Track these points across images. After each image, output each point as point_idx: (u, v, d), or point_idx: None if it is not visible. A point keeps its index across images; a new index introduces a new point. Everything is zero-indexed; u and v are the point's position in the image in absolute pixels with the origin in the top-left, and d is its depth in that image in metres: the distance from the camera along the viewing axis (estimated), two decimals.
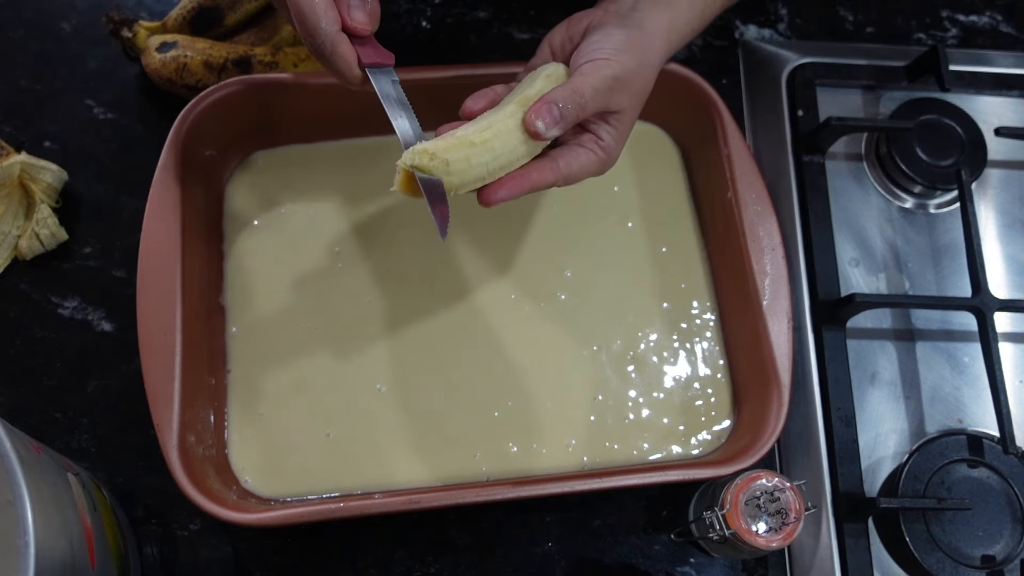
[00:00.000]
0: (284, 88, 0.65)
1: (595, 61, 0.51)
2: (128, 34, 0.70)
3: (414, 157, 0.46)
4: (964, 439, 0.65)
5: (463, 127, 0.49)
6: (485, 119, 0.49)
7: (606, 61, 0.51)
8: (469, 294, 0.67)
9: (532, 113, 0.49)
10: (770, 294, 0.62)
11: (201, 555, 0.61)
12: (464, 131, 0.48)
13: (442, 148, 0.46)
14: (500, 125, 0.48)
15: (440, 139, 0.47)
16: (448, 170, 0.46)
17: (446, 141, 0.47)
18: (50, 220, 0.66)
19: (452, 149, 0.47)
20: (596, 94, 0.50)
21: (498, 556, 0.63)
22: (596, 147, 0.53)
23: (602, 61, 0.51)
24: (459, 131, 0.48)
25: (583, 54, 0.52)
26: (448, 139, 0.47)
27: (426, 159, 0.46)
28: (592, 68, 0.51)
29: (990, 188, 0.75)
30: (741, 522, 0.55)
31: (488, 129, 0.48)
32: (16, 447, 0.44)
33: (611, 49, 0.52)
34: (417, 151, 0.46)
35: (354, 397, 0.63)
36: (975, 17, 0.83)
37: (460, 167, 0.47)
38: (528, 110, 0.49)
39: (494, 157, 0.48)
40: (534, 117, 0.49)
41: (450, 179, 0.47)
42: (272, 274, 0.66)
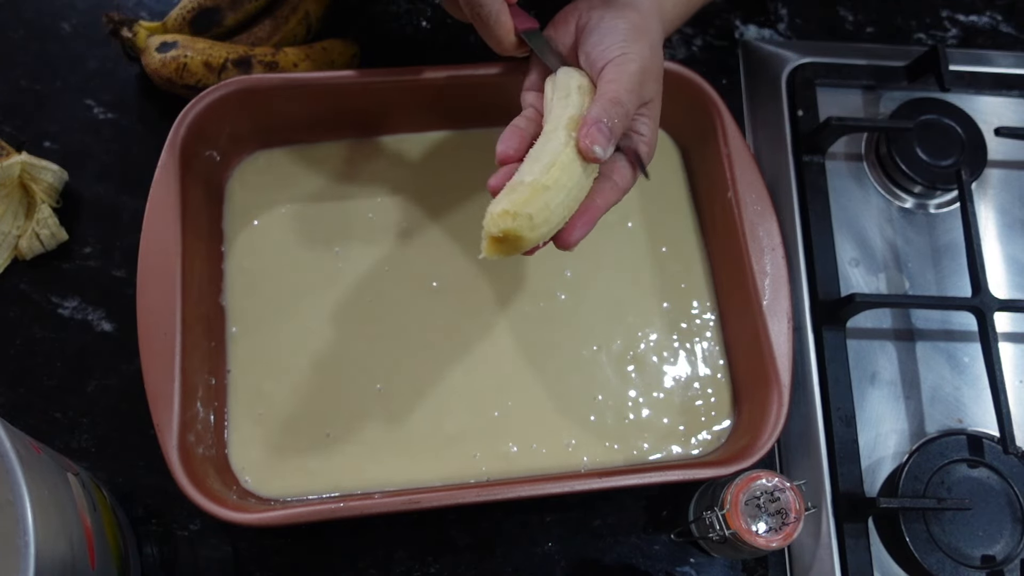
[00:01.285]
0: (284, 88, 0.65)
1: (614, 61, 0.50)
2: (128, 34, 0.70)
3: (498, 223, 0.44)
4: (964, 439, 0.65)
5: (522, 171, 0.47)
6: (542, 156, 0.47)
7: (624, 56, 0.50)
8: (469, 294, 0.67)
9: (585, 140, 0.47)
10: (770, 294, 0.62)
11: (201, 555, 0.61)
12: (529, 176, 0.45)
13: (520, 203, 0.44)
14: (563, 158, 0.46)
15: (513, 193, 0.45)
16: (532, 224, 0.44)
17: (520, 193, 0.44)
18: (50, 220, 0.66)
19: (530, 201, 0.44)
20: (631, 96, 0.49)
21: (498, 556, 0.63)
22: (642, 144, 0.51)
23: (620, 58, 0.50)
24: (525, 177, 0.45)
25: (597, 55, 0.51)
26: (520, 190, 0.45)
27: (509, 221, 0.44)
28: (616, 70, 0.50)
29: (990, 188, 0.75)
30: (741, 522, 0.55)
31: (554, 167, 0.46)
32: (16, 447, 0.44)
33: (622, 42, 0.50)
34: (497, 215, 0.44)
35: (354, 397, 0.63)
36: (975, 17, 0.83)
37: (543, 216, 0.45)
38: (579, 137, 0.47)
39: (567, 193, 0.46)
40: (589, 143, 0.47)
41: (537, 233, 0.45)
42: (272, 274, 0.66)
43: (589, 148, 0.47)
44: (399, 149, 0.70)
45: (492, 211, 0.44)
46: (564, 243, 0.48)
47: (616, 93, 0.49)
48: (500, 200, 0.45)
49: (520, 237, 0.45)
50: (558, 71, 0.52)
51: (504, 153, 0.49)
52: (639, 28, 0.52)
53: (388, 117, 0.69)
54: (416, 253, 0.67)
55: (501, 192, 0.46)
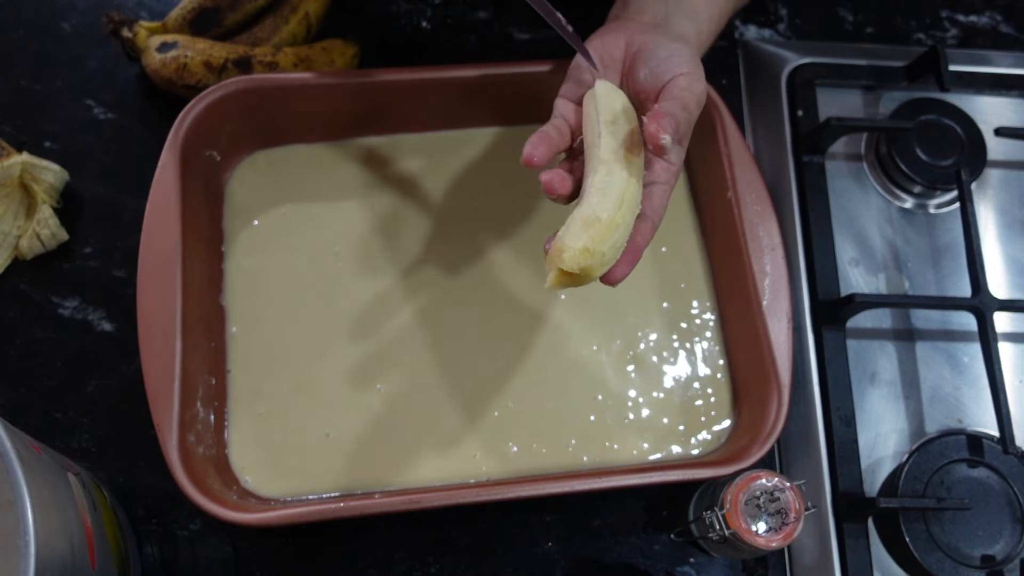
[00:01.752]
0: (284, 88, 0.65)
1: (687, 75, 0.51)
2: (128, 34, 0.70)
3: (579, 261, 0.44)
4: (964, 439, 0.65)
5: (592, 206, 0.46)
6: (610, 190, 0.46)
7: (693, 75, 0.51)
8: (469, 294, 0.67)
9: (655, 128, 0.46)
10: (770, 294, 0.62)
11: (201, 555, 0.61)
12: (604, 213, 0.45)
13: (595, 240, 0.44)
14: (628, 196, 0.46)
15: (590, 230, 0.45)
16: (604, 261, 0.45)
17: (594, 230, 0.45)
18: (51, 220, 0.66)
19: (603, 239, 0.45)
20: (698, 109, 0.50)
21: (498, 556, 0.63)
22: (668, 175, 0.51)
23: (692, 75, 0.51)
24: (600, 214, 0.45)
25: (664, 69, 0.51)
26: (597, 228, 0.45)
27: (589, 259, 0.44)
28: (687, 84, 0.50)
29: (990, 188, 0.75)
30: (741, 522, 0.55)
31: (623, 204, 0.46)
32: (16, 447, 0.44)
33: (689, 62, 0.51)
34: (579, 252, 0.44)
35: (354, 397, 0.63)
36: (975, 17, 0.83)
37: (612, 255, 0.46)
38: (648, 125, 0.46)
39: (628, 230, 0.47)
40: (659, 132, 0.46)
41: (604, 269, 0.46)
42: (272, 274, 0.66)
43: (658, 135, 0.46)
44: (399, 149, 0.70)
45: (572, 246, 0.44)
46: (612, 280, 0.48)
47: (687, 100, 0.49)
48: (579, 236, 0.45)
49: (591, 274, 0.45)
50: (597, 87, 0.51)
51: (531, 156, 0.49)
52: (696, 54, 0.53)
53: (388, 117, 0.69)
54: (416, 253, 0.67)
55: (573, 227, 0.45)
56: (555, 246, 0.45)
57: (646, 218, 0.50)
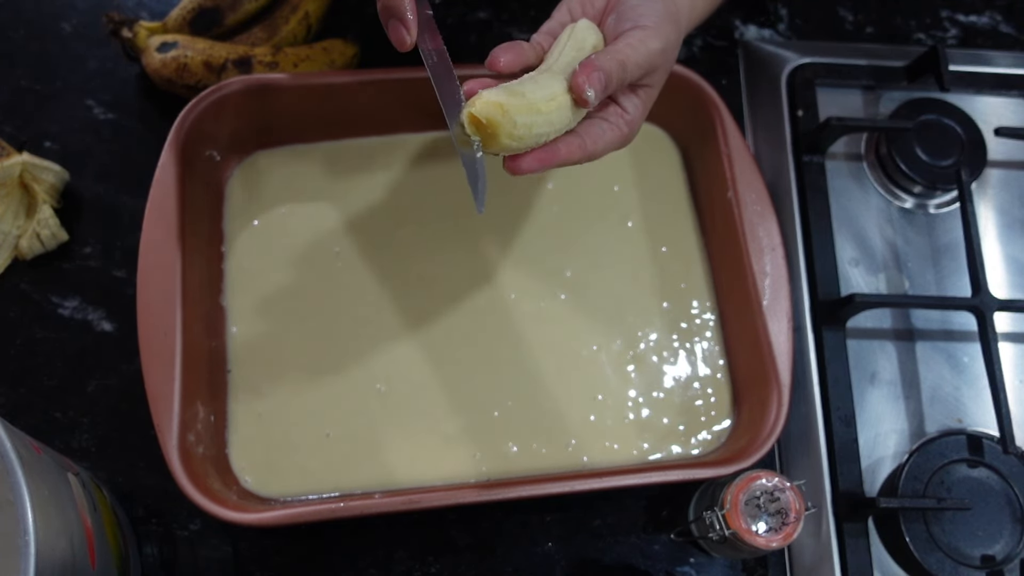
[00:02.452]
0: (284, 88, 0.65)
1: (644, 29, 0.49)
2: (128, 34, 0.70)
3: (486, 110, 0.44)
4: (964, 439, 0.65)
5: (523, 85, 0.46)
6: (545, 86, 0.47)
7: (654, 31, 0.49)
8: (469, 294, 0.67)
9: (583, 80, 0.46)
10: (770, 294, 0.63)
11: (201, 555, 0.61)
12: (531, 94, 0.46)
13: (514, 108, 0.44)
14: (562, 99, 0.46)
15: (511, 96, 0.45)
16: (511, 132, 0.45)
17: (517, 100, 0.45)
18: (51, 220, 0.66)
19: (522, 111, 0.45)
20: (638, 69, 0.49)
21: (498, 556, 0.63)
22: (621, 122, 0.51)
23: (650, 30, 0.49)
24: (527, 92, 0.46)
25: (627, 18, 0.50)
26: (518, 98, 0.45)
27: (498, 114, 0.44)
28: (640, 39, 0.49)
29: (990, 188, 0.75)
30: (741, 522, 0.55)
31: (553, 100, 0.46)
32: (16, 447, 0.44)
33: (656, 17, 0.50)
34: (490, 103, 0.44)
35: (354, 397, 0.63)
36: (975, 17, 0.83)
37: (522, 132, 0.45)
38: (576, 75, 0.46)
39: (549, 129, 0.47)
40: (586, 85, 0.46)
41: (507, 139, 0.45)
42: (272, 274, 0.66)
43: (583, 88, 0.46)
44: (399, 149, 0.70)
45: (488, 97, 0.45)
46: (514, 167, 0.48)
47: (627, 57, 0.48)
48: (498, 92, 0.45)
49: (496, 133, 0.45)
50: (579, 23, 0.52)
51: (496, 59, 0.49)
52: (673, 16, 0.51)
53: (388, 117, 0.69)
54: (416, 253, 0.67)
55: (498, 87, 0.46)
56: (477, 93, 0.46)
57: (579, 137, 0.49)
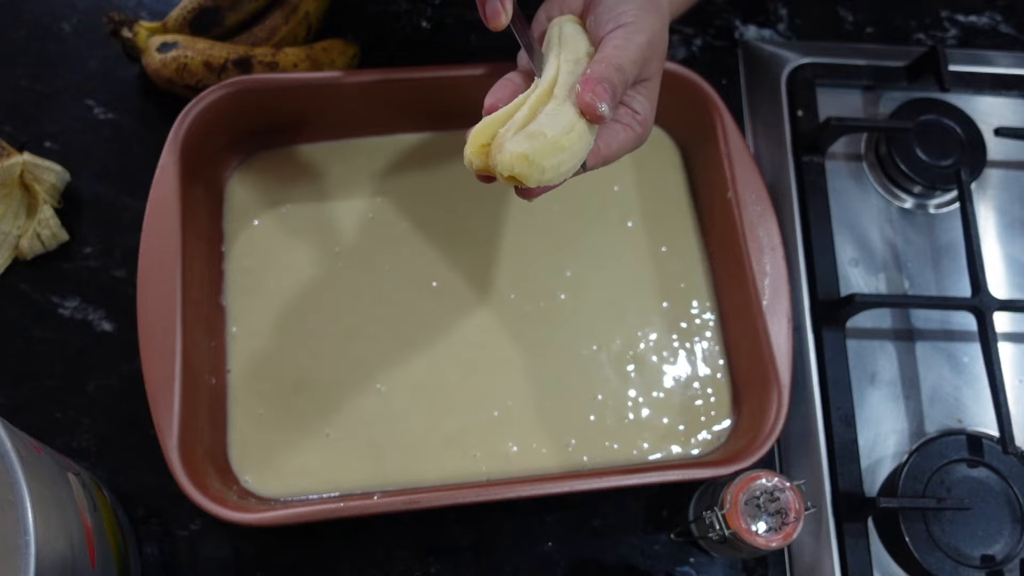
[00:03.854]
0: (284, 88, 0.65)
1: (625, 27, 0.49)
2: (128, 34, 0.70)
3: (513, 165, 0.44)
4: (964, 439, 0.65)
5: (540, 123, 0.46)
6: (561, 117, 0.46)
7: (634, 25, 0.49)
8: (469, 294, 0.67)
9: (588, 95, 0.46)
10: (770, 294, 0.63)
11: (201, 555, 0.61)
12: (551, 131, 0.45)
13: (539, 153, 0.44)
14: (580, 126, 0.46)
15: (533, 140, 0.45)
16: (541, 177, 0.45)
17: (540, 143, 0.45)
18: (52, 220, 0.66)
19: (548, 154, 0.45)
20: (634, 67, 0.49)
21: (498, 556, 0.63)
22: (634, 122, 0.50)
23: (631, 26, 0.49)
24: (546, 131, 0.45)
25: (606, 18, 0.50)
26: (541, 140, 0.45)
27: (524, 166, 0.44)
28: (624, 37, 0.49)
29: (990, 188, 0.75)
30: (741, 522, 0.55)
31: (572, 131, 0.46)
32: (16, 447, 0.44)
33: (635, 10, 0.50)
34: (516, 155, 0.44)
35: (354, 397, 0.63)
36: (975, 17, 0.83)
37: (551, 174, 0.45)
38: (581, 95, 0.46)
39: (576, 160, 0.47)
40: (596, 100, 0.46)
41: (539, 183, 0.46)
42: (272, 274, 0.66)
43: (594, 104, 0.46)
44: (399, 149, 0.70)
45: (512, 149, 0.44)
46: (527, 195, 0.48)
47: (620, 60, 0.48)
48: (519, 141, 0.45)
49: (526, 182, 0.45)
50: (565, 28, 0.51)
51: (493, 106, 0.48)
52: (653, 4, 0.51)
53: (388, 117, 0.69)
54: (416, 253, 0.67)
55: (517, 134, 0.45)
56: (495, 142, 0.45)
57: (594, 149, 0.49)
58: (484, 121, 0.47)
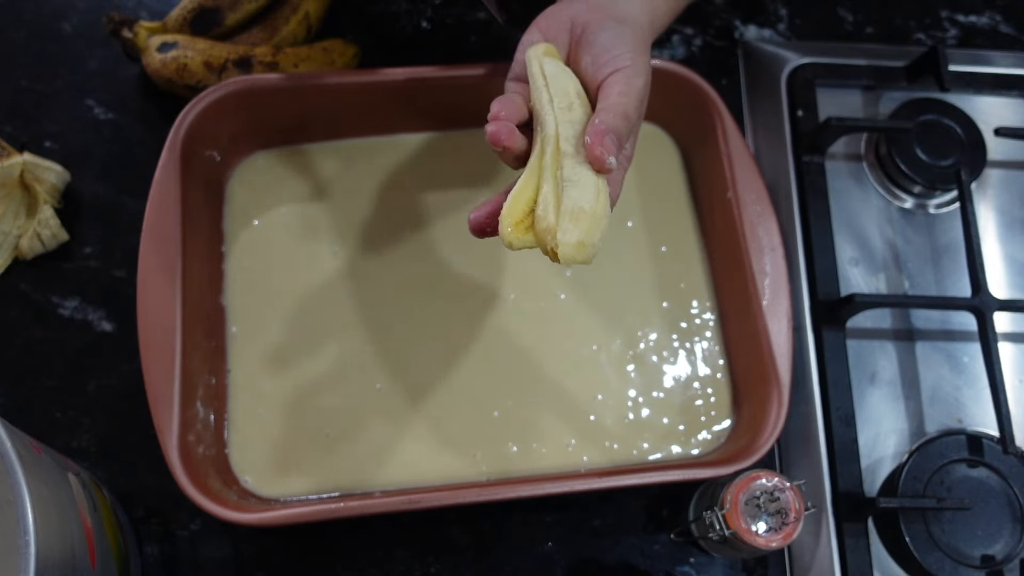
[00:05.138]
0: (284, 88, 0.65)
1: (624, 71, 0.49)
2: (128, 34, 0.70)
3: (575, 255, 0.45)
4: (964, 439, 0.65)
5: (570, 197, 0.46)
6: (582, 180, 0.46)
7: (632, 69, 0.49)
8: (469, 294, 0.67)
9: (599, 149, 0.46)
10: (770, 294, 0.63)
11: (201, 555, 0.61)
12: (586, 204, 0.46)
13: (589, 233, 0.45)
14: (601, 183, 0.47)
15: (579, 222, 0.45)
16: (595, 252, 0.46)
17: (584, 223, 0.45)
18: (52, 221, 0.66)
19: (595, 230, 0.45)
20: (637, 113, 0.49)
21: (498, 556, 0.63)
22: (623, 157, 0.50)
23: (630, 70, 0.49)
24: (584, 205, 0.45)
25: (603, 60, 0.50)
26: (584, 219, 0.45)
27: (583, 253, 0.45)
28: (626, 83, 0.49)
29: (990, 188, 0.75)
30: (741, 522, 0.55)
31: (600, 194, 0.46)
32: (16, 447, 0.44)
33: (630, 53, 0.50)
34: (574, 246, 0.45)
35: (354, 397, 0.63)
36: (975, 17, 0.83)
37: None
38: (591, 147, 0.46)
39: (608, 216, 0.47)
40: (604, 154, 0.46)
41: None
42: (272, 274, 0.66)
43: (603, 159, 0.46)
44: (399, 149, 0.70)
45: (567, 241, 0.45)
46: None
47: (627, 108, 0.48)
48: (569, 231, 0.45)
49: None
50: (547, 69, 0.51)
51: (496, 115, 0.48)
52: (640, 39, 0.51)
53: (388, 117, 0.69)
54: (416, 253, 0.67)
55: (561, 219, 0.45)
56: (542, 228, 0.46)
57: None
58: (509, 200, 0.47)
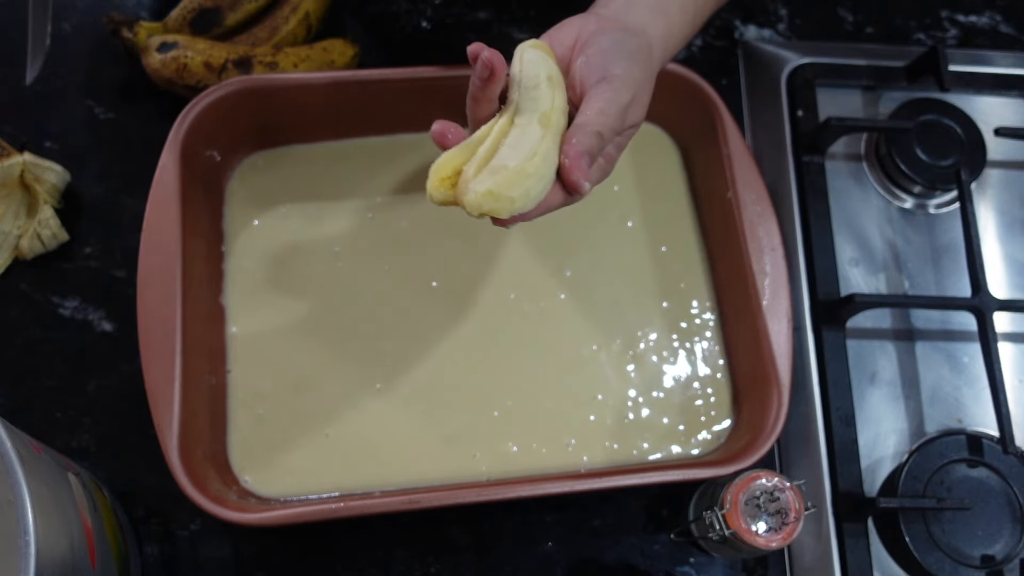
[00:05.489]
0: (284, 88, 0.65)
1: (611, 82, 0.49)
2: (128, 34, 0.70)
3: (481, 204, 0.45)
4: (964, 439, 0.65)
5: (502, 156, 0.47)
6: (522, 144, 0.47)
7: (621, 81, 0.49)
8: (469, 294, 0.67)
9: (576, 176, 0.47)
10: (770, 294, 0.62)
11: (201, 555, 0.61)
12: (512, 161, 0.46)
13: (504, 185, 0.45)
14: (542, 149, 0.47)
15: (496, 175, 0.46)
16: (512, 207, 0.46)
17: (503, 177, 0.45)
18: (52, 221, 0.66)
19: (513, 184, 0.45)
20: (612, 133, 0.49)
21: (498, 556, 0.63)
22: (601, 160, 0.51)
23: (617, 82, 0.49)
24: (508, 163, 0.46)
25: (596, 62, 0.50)
26: (504, 174, 0.46)
27: (492, 202, 0.45)
28: (608, 99, 0.48)
29: (990, 188, 0.75)
30: (741, 522, 0.55)
31: (535, 156, 0.46)
32: (16, 447, 0.44)
33: (625, 62, 0.50)
34: (481, 195, 0.45)
35: (354, 397, 0.63)
36: (975, 17, 0.83)
37: (522, 202, 0.46)
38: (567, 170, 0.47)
39: (544, 182, 0.47)
40: (578, 177, 0.47)
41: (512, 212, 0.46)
42: (272, 274, 0.66)
43: (580, 185, 0.47)
44: (399, 149, 0.70)
45: (476, 189, 0.45)
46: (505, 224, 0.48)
47: (602, 127, 0.48)
48: (483, 180, 0.46)
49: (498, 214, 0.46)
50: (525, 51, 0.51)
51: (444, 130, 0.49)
52: (644, 52, 0.51)
53: (388, 117, 0.69)
54: (416, 253, 0.67)
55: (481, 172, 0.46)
56: (460, 181, 0.46)
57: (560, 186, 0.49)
58: (444, 156, 0.47)
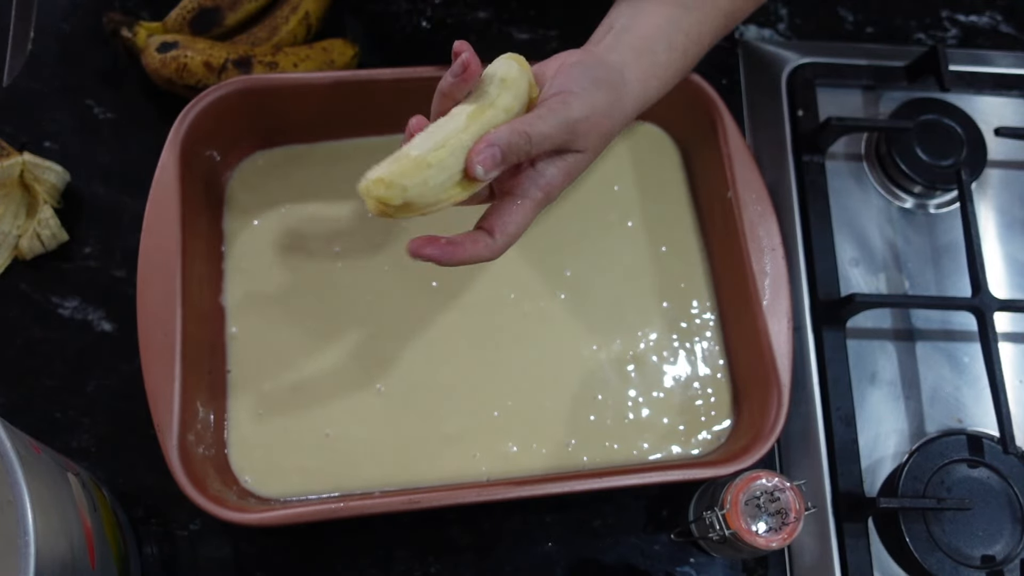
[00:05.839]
0: (284, 88, 0.65)
1: (564, 96, 0.48)
2: (128, 34, 0.70)
3: (371, 190, 0.44)
4: (964, 439, 0.65)
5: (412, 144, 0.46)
6: (437, 134, 0.46)
7: (576, 97, 0.48)
8: (469, 294, 0.67)
9: (474, 155, 0.45)
10: (770, 294, 0.62)
11: (201, 555, 0.61)
12: (416, 151, 0.45)
13: (397, 174, 0.44)
14: (454, 142, 0.46)
15: (394, 164, 0.45)
16: (406, 196, 0.45)
17: (399, 165, 0.45)
18: (52, 221, 0.66)
19: (408, 174, 0.44)
20: (546, 140, 0.47)
21: (498, 556, 0.63)
22: (535, 190, 0.49)
23: (571, 97, 0.48)
24: (411, 151, 0.45)
25: (558, 82, 0.49)
26: (402, 162, 0.45)
27: (382, 189, 0.44)
28: (554, 108, 0.47)
29: (990, 188, 0.75)
30: (741, 522, 0.55)
31: (443, 147, 0.45)
32: (16, 447, 0.44)
33: (586, 82, 0.49)
34: (371, 182, 0.44)
35: (354, 397, 0.63)
36: (975, 17, 0.83)
37: (418, 191, 0.45)
38: (472, 152, 0.46)
39: (448, 174, 0.46)
40: (475, 159, 0.45)
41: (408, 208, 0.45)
42: (272, 274, 0.66)
43: (472, 165, 0.45)
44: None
45: (368, 176, 0.44)
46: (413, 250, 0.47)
47: (531, 129, 0.47)
48: (379, 167, 0.45)
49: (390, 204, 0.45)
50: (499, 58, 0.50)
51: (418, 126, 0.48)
52: (613, 83, 0.50)
53: (388, 117, 0.69)
54: None
55: (385, 160, 0.46)
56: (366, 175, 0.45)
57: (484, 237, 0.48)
58: None
